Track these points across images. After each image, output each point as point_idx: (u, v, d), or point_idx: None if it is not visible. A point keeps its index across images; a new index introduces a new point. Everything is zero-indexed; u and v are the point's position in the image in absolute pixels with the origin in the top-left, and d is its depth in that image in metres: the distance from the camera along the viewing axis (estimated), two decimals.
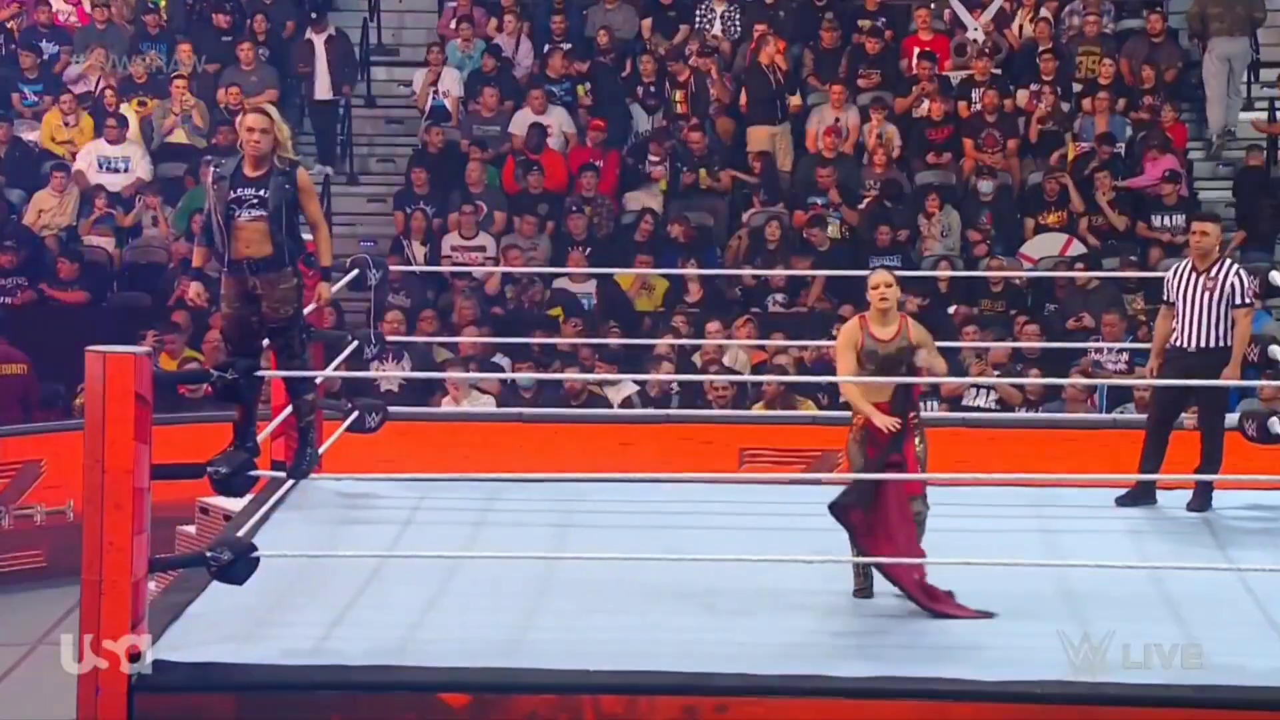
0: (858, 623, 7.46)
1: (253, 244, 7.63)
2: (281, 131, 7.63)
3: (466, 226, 14.95)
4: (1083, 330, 13.54)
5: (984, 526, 8.73)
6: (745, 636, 7.29)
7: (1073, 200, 14.80)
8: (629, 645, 7.17)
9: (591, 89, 15.86)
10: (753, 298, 14.46)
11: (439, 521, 8.83)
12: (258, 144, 7.57)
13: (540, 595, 7.68)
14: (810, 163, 15.45)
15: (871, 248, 14.68)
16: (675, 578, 7.78)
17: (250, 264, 7.68)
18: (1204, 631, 7.29)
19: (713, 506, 8.99)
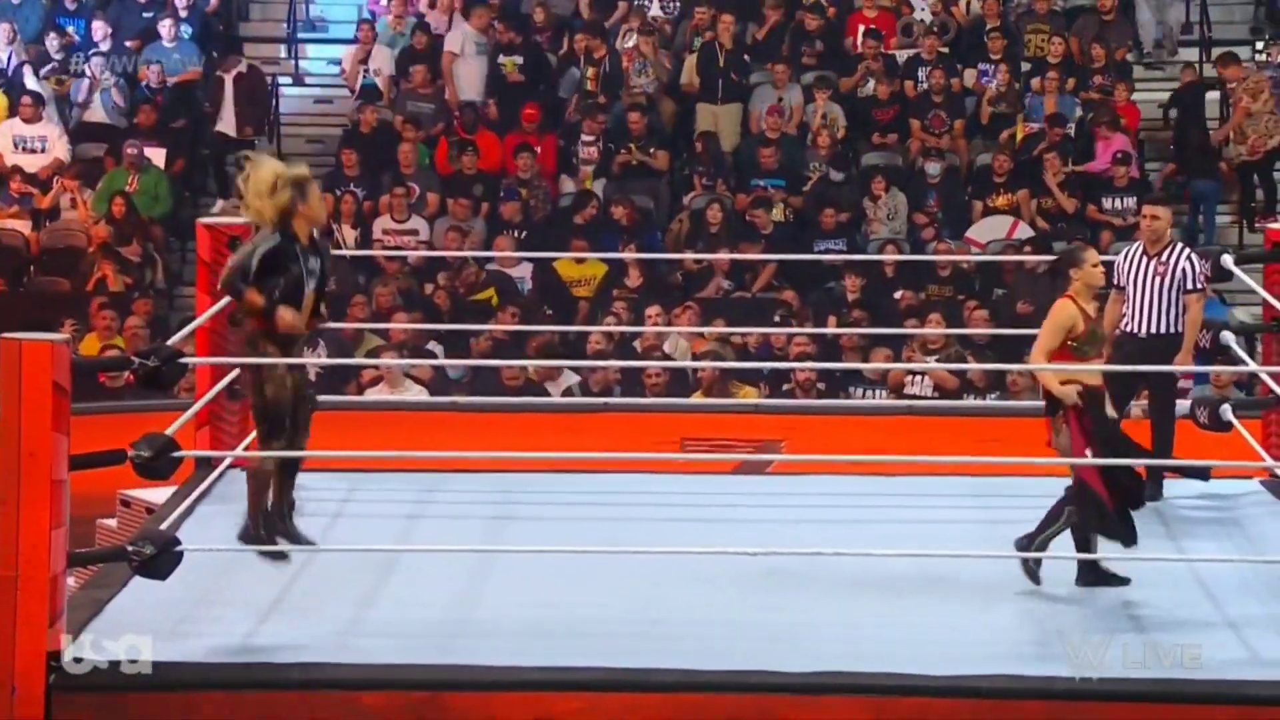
0: (800, 616, 7.47)
1: (309, 314, 7.43)
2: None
3: (398, 209, 14.89)
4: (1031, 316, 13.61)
5: (929, 516, 8.77)
6: (689, 630, 7.29)
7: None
8: (563, 640, 7.16)
9: (522, 65, 15.79)
10: (694, 282, 14.47)
11: (371, 515, 8.80)
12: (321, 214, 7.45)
13: (477, 590, 7.65)
14: (753, 143, 15.47)
15: (816, 231, 14.71)
16: (612, 569, 7.78)
17: (311, 336, 7.52)
18: (1155, 623, 7.35)
19: (653, 497, 8.99)
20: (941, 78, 15.61)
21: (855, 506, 8.96)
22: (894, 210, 14.94)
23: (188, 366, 8.14)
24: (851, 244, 14.62)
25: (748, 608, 7.54)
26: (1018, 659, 6.99)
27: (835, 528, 8.57)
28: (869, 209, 14.97)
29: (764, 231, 14.67)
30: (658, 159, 15.40)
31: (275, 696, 6.85)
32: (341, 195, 14.98)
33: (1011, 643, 7.18)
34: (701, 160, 15.35)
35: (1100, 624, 7.37)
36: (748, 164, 15.41)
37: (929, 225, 14.87)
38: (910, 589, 7.67)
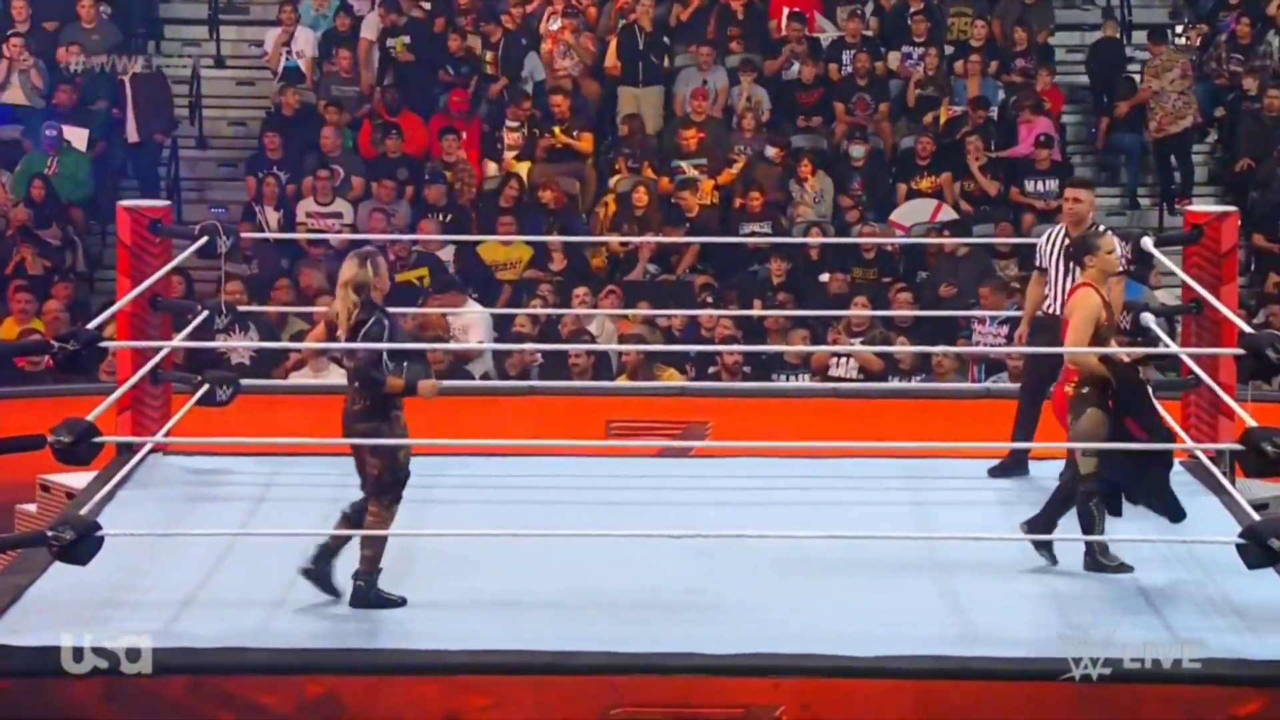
0: (728, 598, 7.50)
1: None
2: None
3: (322, 192, 14.82)
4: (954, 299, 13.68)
5: (855, 499, 8.82)
6: (613, 613, 7.31)
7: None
8: (487, 625, 7.16)
9: (410, 44, 15.69)
10: (620, 265, 14.47)
11: (294, 498, 8.78)
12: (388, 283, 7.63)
13: (400, 574, 7.65)
14: (678, 125, 15.48)
15: (742, 214, 14.73)
16: (537, 553, 7.78)
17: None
18: (1076, 604, 7.43)
19: (577, 480, 9.01)
20: (866, 61, 15.66)
21: (780, 489, 9.00)
22: (819, 193, 14.98)
23: (108, 351, 8.09)
24: (777, 227, 14.66)
25: (671, 590, 7.56)
26: (942, 640, 7.04)
27: (760, 510, 8.60)
28: (795, 192, 15.01)
29: (689, 215, 14.68)
30: (583, 142, 15.38)
31: (198, 682, 6.81)
32: (264, 178, 14.89)
33: (936, 624, 7.23)
34: (627, 143, 15.34)
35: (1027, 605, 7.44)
36: (672, 147, 15.42)
37: (854, 208, 14.93)
38: (835, 571, 7.72)
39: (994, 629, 7.18)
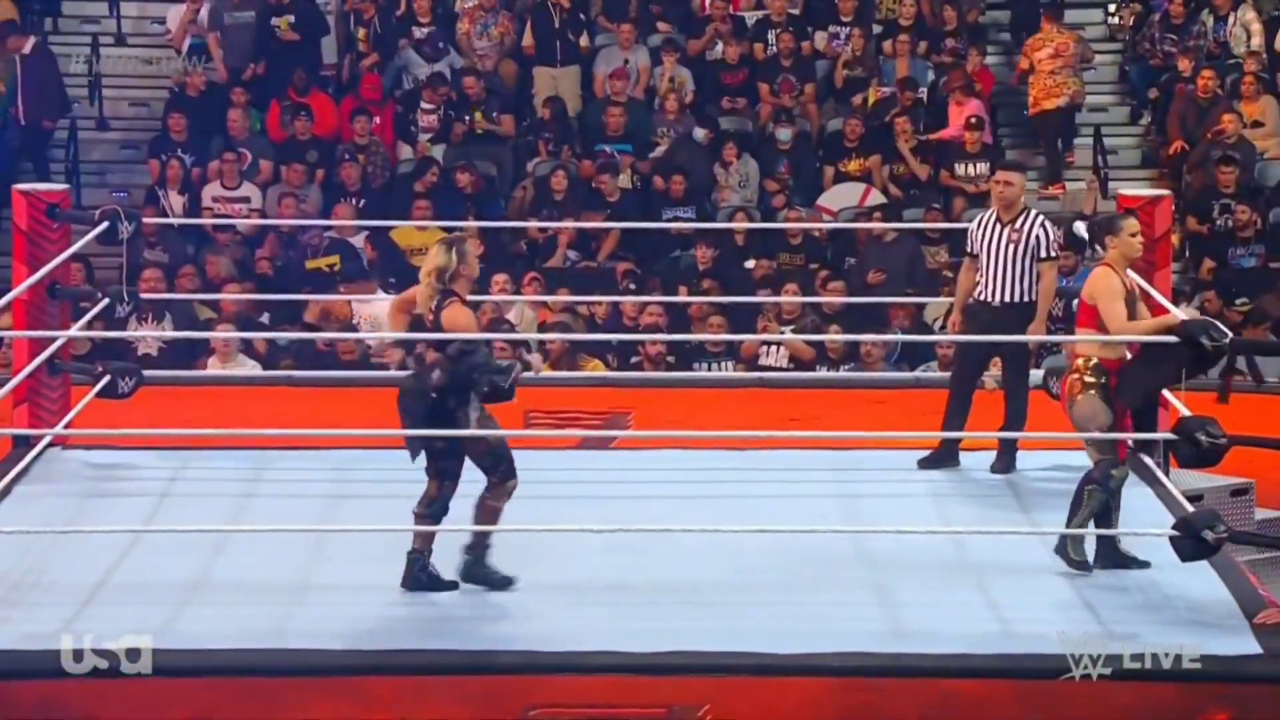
0: (651, 594, 7.50)
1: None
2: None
3: (229, 176, 14.71)
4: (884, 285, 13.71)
5: (781, 491, 8.83)
6: (532, 611, 7.30)
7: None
8: (403, 624, 7.13)
9: (295, 23, 15.59)
10: (539, 252, 14.44)
11: (201, 494, 8.72)
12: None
13: (311, 571, 7.60)
14: (598, 108, 15.46)
15: (665, 198, 14.73)
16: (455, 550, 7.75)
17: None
18: (1007, 598, 7.47)
19: None
20: (791, 41, 15.68)
21: (705, 481, 9.00)
22: (745, 177, 15.00)
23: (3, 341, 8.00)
24: (701, 212, 14.66)
25: (592, 587, 7.55)
26: (870, 637, 7.06)
27: (684, 504, 8.61)
28: (719, 175, 15.02)
29: (610, 199, 14.67)
30: (502, 124, 15.34)
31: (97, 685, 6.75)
32: (168, 161, 14.76)
33: (864, 620, 7.25)
34: (546, 125, 15.31)
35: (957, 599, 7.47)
36: (593, 129, 15.40)
37: (780, 192, 14.95)
38: (760, 565, 7.73)
39: (923, 625, 7.20)
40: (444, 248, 7.51)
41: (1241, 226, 14.13)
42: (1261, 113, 15.13)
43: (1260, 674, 6.82)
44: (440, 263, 7.48)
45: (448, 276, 7.48)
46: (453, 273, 7.48)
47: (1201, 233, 14.48)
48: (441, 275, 7.47)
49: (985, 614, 7.33)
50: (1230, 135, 14.69)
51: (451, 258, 7.48)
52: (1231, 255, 14.17)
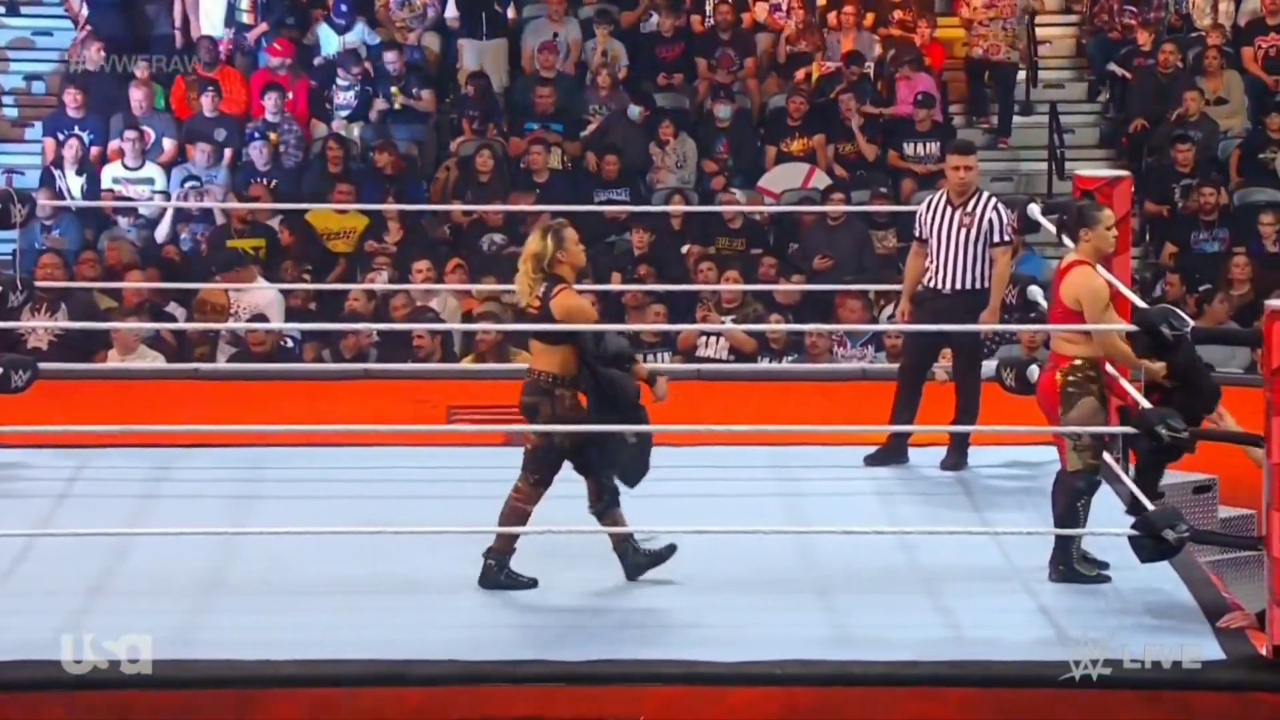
0: (580, 601, 7.51)
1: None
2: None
3: (131, 155, 14.63)
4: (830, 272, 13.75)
5: (719, 490, 8.85)
6: (454, 619, 7.29)
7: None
8: (320, 632, 7.12)
9: None
10: (464, 236, 14.42)
11: (101, 494, 8.68)
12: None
13: (219, 577, 7.58)
14: (527, 83, 15.44)
15: (597, 180, 14.73)
16: (374, 554, 7.74)
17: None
18: (958, 601, 7.51)
19: (417, 472, 8.98)
20: (730, 13, 15.70)
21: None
22: (682, 157, 15.01)
23: None
24: (635, 194, 14.67)
25: (521, 592, 7.55)
26: (814, 644, 7.09)
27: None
28: (655, 155, 15.03)
29: (539, 180, 14.65)
30: (423, 101, 15.31)
31: None
32: (64, 140, 14.67)
33: (807, 626, 7.28)
34: (471, 102, 15.29)
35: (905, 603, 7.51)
36: (521, 106, 15.38)
37: (719, 173, 14.97)
38: (697, 569, 7.74)
39: (870, 632, 7.23)
40: (540, 233, 7.62)
41: (1205, 209, 14.23)
42: (1225, 88, 15.24)
43: (1224, 681, 6.87)
44: (536, 249, 7.59)
45: (546, 263, 7.56)
46: (551, 259, 7.57)
47: (1162, 215, 14.58)
48: (539, 263, 7.57)
49: (935, 619, 7.37)
50: (1192, 114, 14.81)
51: (548, 244, 7.57)
52: (1194, 239, 14.27)
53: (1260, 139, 14.86)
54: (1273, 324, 6.84)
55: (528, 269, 7.61)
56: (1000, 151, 15.72)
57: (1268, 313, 6.91)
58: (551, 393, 7.62)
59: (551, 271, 7.59)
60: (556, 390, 7.62)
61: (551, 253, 7.57)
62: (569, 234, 7.64)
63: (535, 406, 7.66)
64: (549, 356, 7.64)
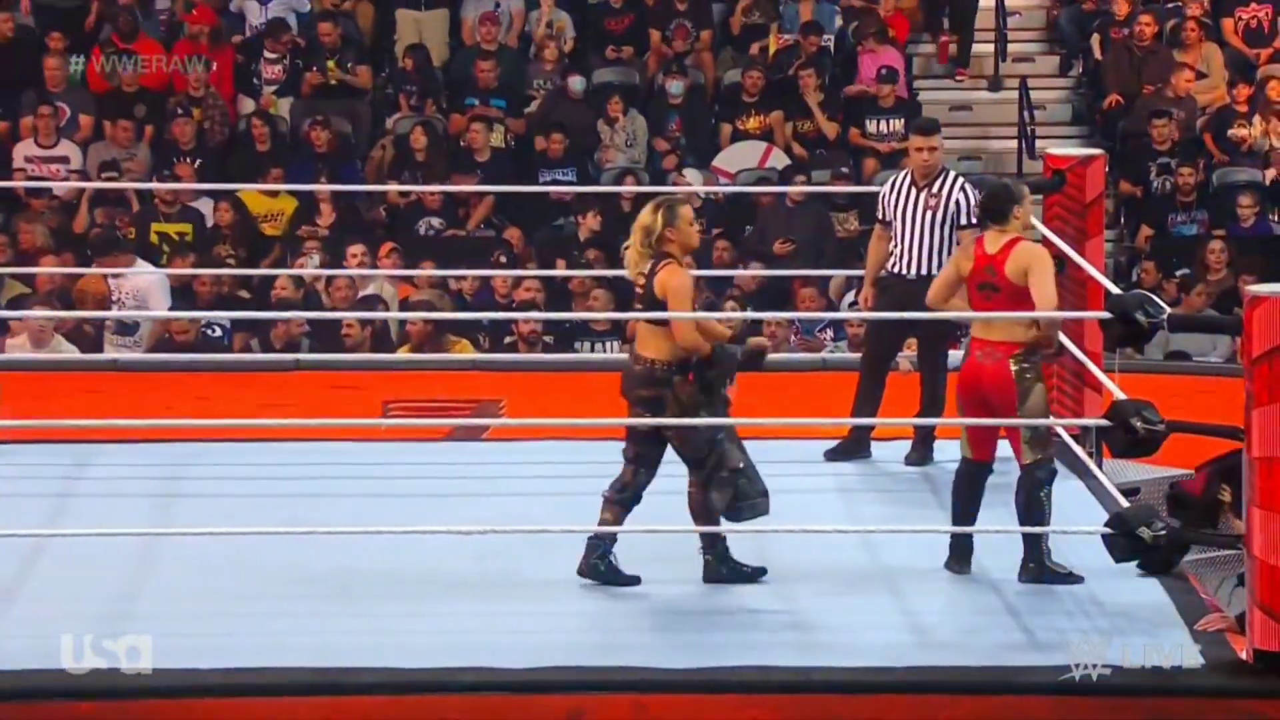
0: (529, 603, 7.51)
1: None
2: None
3: (44, 133, 14.59)
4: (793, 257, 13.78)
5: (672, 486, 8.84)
6: (390, 625, 7.29)
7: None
8: (249, 638, 7.10)
9: None
10: (400, 219, 14.40)
11: (11, 494, 8.64)
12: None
13: (140, 581, 7.55)
14: (468, 56, 15.42)
15: (542, 159, 14.73)
16: (304, 556, 7.73)
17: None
18: (923, 603, 7.53)
19: (350, 469, 8.98)
20: None
21: (587, 476, 8.98)
22: (632, 135, 15.02)
23: None
24: (583, 174, 14.67)
25: (462, 595, 7.55)
26: (771, 648, 7.10)
27: (564, 501, 8.60)
28: (603, 133, 15.03)
29: (480, 160, 14.64)
30: (358, 75, 15.28)
31: None
32: None
33: (763, 628, 7.29)
34: (408, 77, 15.27)
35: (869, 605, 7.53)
36: (461, 81, 15.36)
37: (671, 152, 14.98)
38: (649, 570, 7.74)
39: (831, 636, 7.25)
40: (652, 207, 7.61)
41: (1182, 190, 14.30)
42: (1204, 61, 15.31)
43: (1202, 687, 6.91)
44: (645, 223, 7.59)
45: (654, 239, 7.55)
46: (660, 236, 7.56)
47: (1137, 196, 14.64)
48: (648, 238, 7.56)
49: (900, 622, 7.39)
50: (1181, 93, 14.86)
51: (657, 219, 7.57)
52: (1171, 221, 14.35)
53: (1229, 113, 14.91)
54: (1253, 310, 6.87)
55: (636, 242, 7.62)
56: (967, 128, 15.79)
57: (1248, 299, 6.94)
58: (670, 381, 7.58)
59: (659, 249, 7.58)
60: (674, 377, 7.59)
61: (661, 229, 7.57)
62: (683, 211, 7.63)
63: (658, 400, 7.61)
64: (659, 341, 7.61)
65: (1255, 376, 6.88)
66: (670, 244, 7.58)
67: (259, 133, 14.55)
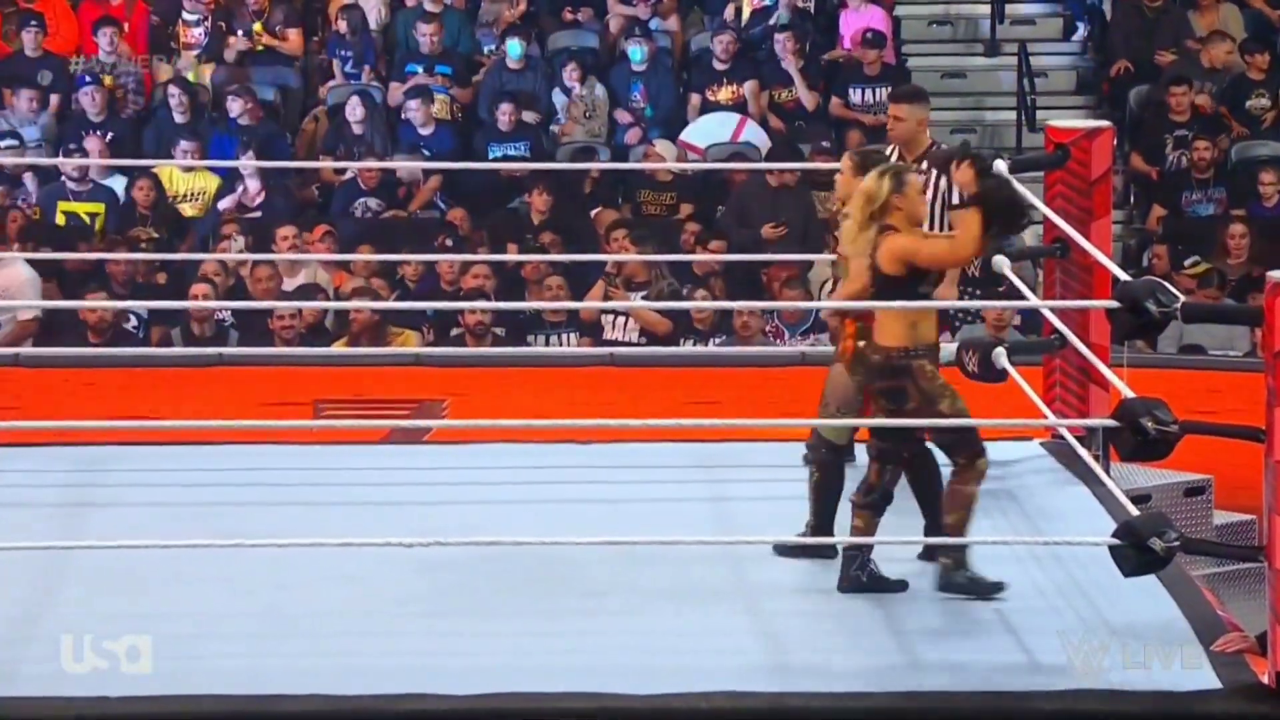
0: (473, 623, 7.52)
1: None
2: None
3: None
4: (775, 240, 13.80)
5: (637, 494, 8.88)
6: (322, 646, 7.29)
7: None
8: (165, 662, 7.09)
9: None
10: (334, 198, 14.39)
11: None
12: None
13: (41, 602, 7.54)
14: (409, 19, 15.42)
15: (491, 131, 14.73)
16: (229, 570, 7.73)
17: None
18: (909, 619, 7.55)
19: (279, 475, 9.01)
20: None
21: (541, 482, 9.03)
22: (591, 106, 15.03)
23: None
24: (537, 149, 14.67)
25: (402, 614, 7.56)
26: (749, 673, 7.11)
27: (515, 510, 8.63)
28: (559, 104, 15.03)
29: (423, 133, 14.64)
30: (287, 40, 15.27)
31: None
32: None
33: (741, 653, 7.30)
34: (343, 41, 15.25)
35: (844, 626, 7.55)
36: (402, 46, 15.35)
37: (634, 125, 14.99)
38: (611, 587, 7.77)
39: (811, 658, 7.27)
40: (877, 174, 7.59)
41: (1198, 166, 14.33)
42: (1221, 23, 15.33)
43: (1219, 713, 6.94)
44: (869, 188, 7.57)
45: (878, 208, 7.54)
46: (885, 203, 7.55)
47: (1150, 174, 14.68)
48: (869, 204, 7.55)
49: (887, 644, 7.40)
50: (1219, 66, 14.86)
51: (883, 186, 7.55)
52: (1186, 201, 14.38)
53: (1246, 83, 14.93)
54: (1275, 299, 6.89)
55: (857, 210, 7.60)
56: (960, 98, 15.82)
57: (1269, 286, 6.95)
58: (910, 369, 7.58)
59: (883, 219, 7.56)
60: (914, 363, 7.59)
61: (887, 196, 7.55)
62: (913, 180, 7.64)
63: (900, 390, 7.59)
64: (897, 326, 7.60)
65: (1277, 371, 6.90)
66: (896, 214, 7.57)
67: (177, 102, 14.53)
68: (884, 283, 7.57)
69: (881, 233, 7.57)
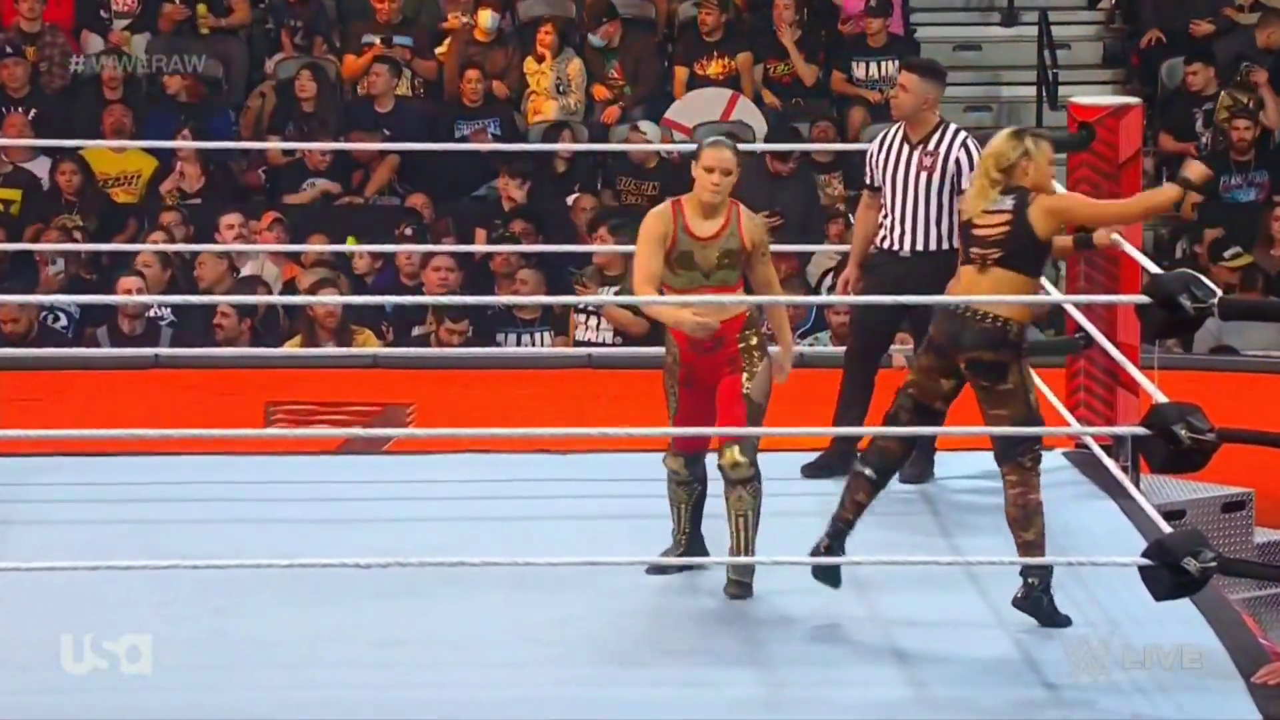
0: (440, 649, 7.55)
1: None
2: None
3: None
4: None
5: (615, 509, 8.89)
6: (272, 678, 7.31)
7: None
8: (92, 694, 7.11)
9: None
10: (283, 182, 14.41)
11: None
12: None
13: None
14: None
15: (457, 107, 14.75)
16: (166, 594, 7.75)
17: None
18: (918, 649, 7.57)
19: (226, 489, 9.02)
20: None
21: (510, 497, 9.05)
22: (566, 81, 15.05)
23: None
24: (508, 128, 14.70)
25: (359, 641, 7.57)
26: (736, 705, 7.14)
27: (482, 527, 8.65)
28: (531, 78, 15.05)
29: (381, 110, 14.66)
30: (232, 9, 15.28)
31: None
32: None
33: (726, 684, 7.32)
34: (292, 9, 15.28)
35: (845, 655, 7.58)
36: (357, 14, 15.37)
37: (614, 102, 15.01)
38: (587, 610, 7.78)
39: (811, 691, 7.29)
40: (1009, 134, 7.72)
41: (1238, 147, 14.35)
42: None
43: None
44: (999, 148, 7.69)
45: (1008, 169, 7.66)
46: (1014, 165, 7.66)
47: (1184, 154, 14.70)
48: (998, 164, 7.66)
49: (894, 674, 7.43)
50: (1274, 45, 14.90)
51: (1014, 148, 7.66)
52: (1224, 185, 14.41)
53: None
54: None
55: (986, 171, 7.70)
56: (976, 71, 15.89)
57: None
58: (1019, 345, 7.64)
59: (1011, 182, 7.67)
60: (1024, 341, 7.66)
61: (1017, 159, 7.66)
62: (1046, 147, 7.73)
63: (1002, 366, 7.61)
64: (1017, 294, 7.66)
65: None
66: (1024, 178, 7.67)
67: (110, 77, 14.55)
68: (1032, 246, 7.67)
69: (1026, 194, 7.66)
